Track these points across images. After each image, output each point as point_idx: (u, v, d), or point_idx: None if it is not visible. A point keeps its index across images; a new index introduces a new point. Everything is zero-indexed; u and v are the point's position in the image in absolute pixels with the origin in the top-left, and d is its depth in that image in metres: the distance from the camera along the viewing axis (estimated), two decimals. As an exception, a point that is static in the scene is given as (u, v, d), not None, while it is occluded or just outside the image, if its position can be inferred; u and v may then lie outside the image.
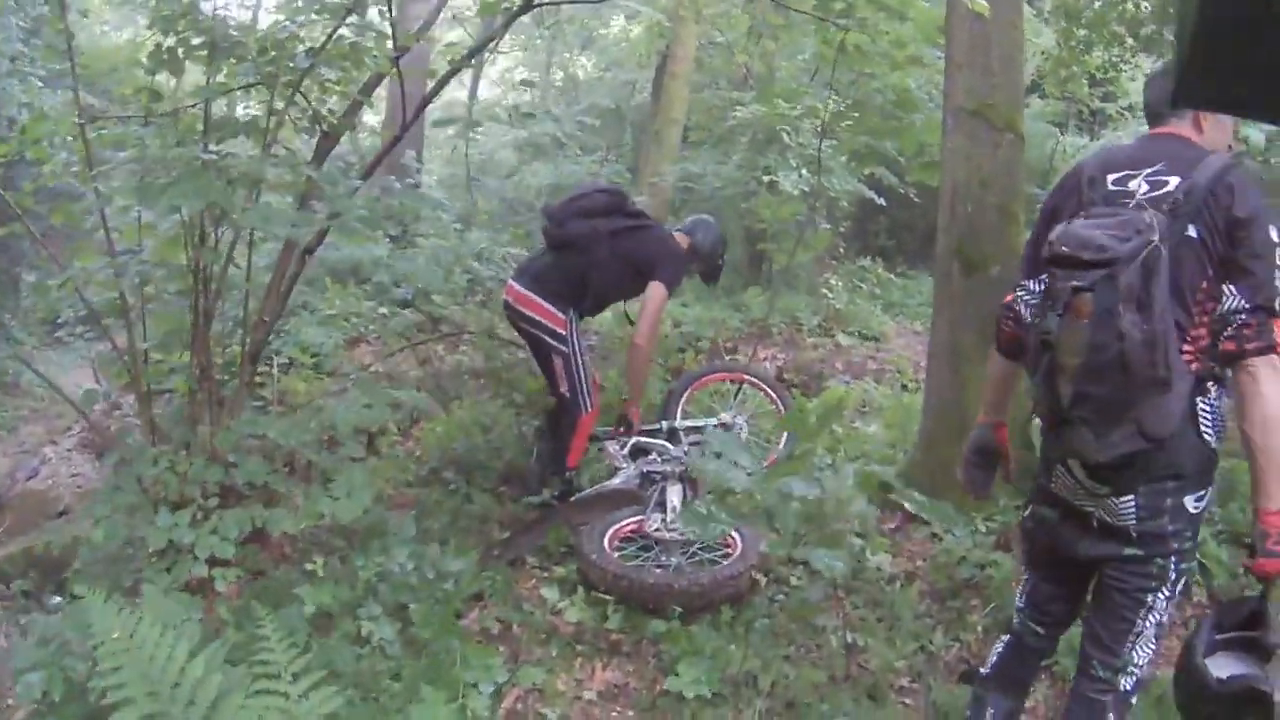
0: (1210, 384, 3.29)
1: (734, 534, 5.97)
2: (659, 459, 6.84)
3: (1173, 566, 3.38)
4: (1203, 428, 3.29)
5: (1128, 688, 3.49)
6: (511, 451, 7.69)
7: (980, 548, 6.20)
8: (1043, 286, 3.41)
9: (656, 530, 6.16)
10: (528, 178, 19.06)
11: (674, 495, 6.35)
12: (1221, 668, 3.22)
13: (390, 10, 5.91)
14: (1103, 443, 3.22)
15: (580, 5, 22.28)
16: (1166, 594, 3.41)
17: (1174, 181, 3.27)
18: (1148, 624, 3.43)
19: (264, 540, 5.74)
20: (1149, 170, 3.36)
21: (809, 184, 11.03)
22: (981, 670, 4.01)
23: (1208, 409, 3.29)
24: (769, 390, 8.10)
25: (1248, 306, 3.17)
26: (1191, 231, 3.22)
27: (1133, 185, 3.36)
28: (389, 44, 6.04)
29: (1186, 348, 3.25)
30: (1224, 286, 3.21)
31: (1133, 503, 3.34)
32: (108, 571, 5.62)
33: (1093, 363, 3.13)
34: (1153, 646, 3.48)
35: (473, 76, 27.97)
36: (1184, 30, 1.55)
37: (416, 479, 7.67)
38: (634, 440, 7.06)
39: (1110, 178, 3.43)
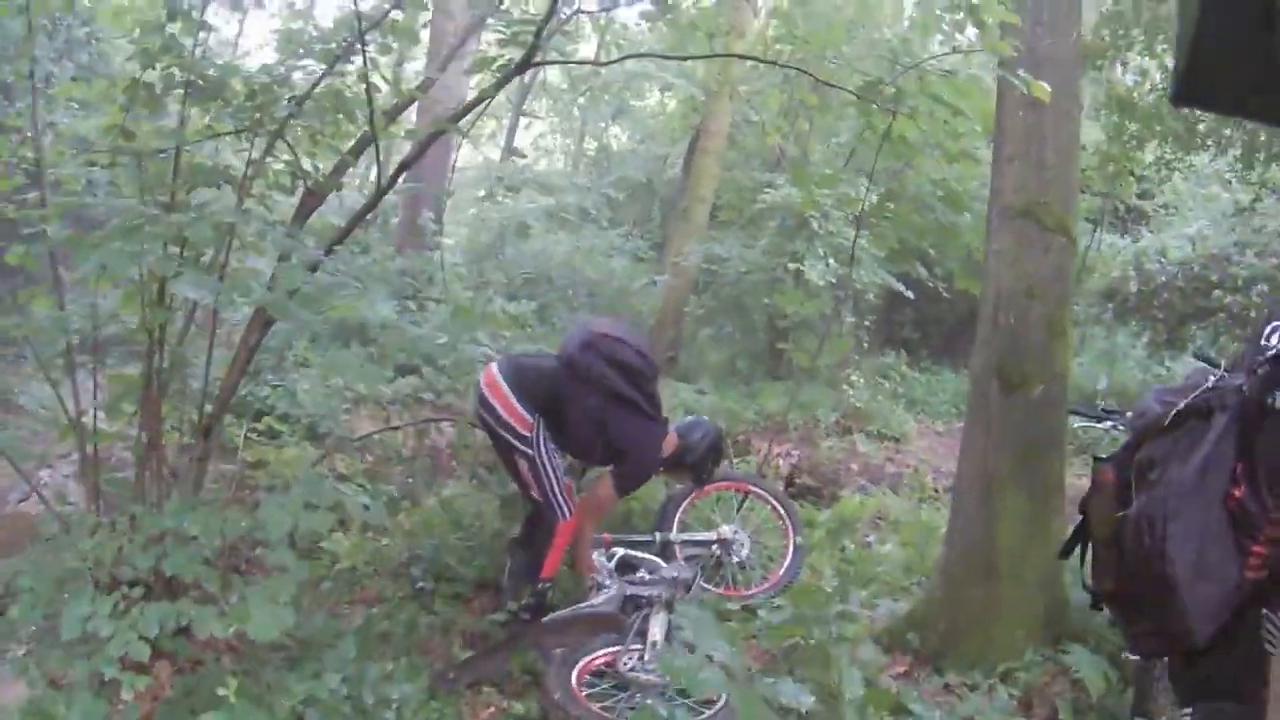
0: None
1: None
2: (646, 578, 6.09)
3: None
4: None
5: None
6: (488, 554, 6.93)
7: (999, 711, 5.42)
8: None
9: (631, 669, 5.38)
10: (551, 246, 18.61)
11: (657, 627, 5.54)
12: None
13: (367, 62, 5.29)
14: None
15: (617, 75, 22.01)
16: None
17: None
18: None
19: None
20: None
21: (836, 275, 10.51)
22: None
23: None
24: (776, 503, 7.52)
25: None
26: None
27: None
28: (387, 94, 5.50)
29: None
30: None
31: None
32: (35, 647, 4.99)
33: None
34: None
35: (506, 140, 27.78)
36: (1184, 31, 1.60)
37: (381, 571, 6.91)
38: (620, 553, 6.35)
39: None
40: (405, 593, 6.62)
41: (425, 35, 17.71)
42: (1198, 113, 9.34)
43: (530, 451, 6.08)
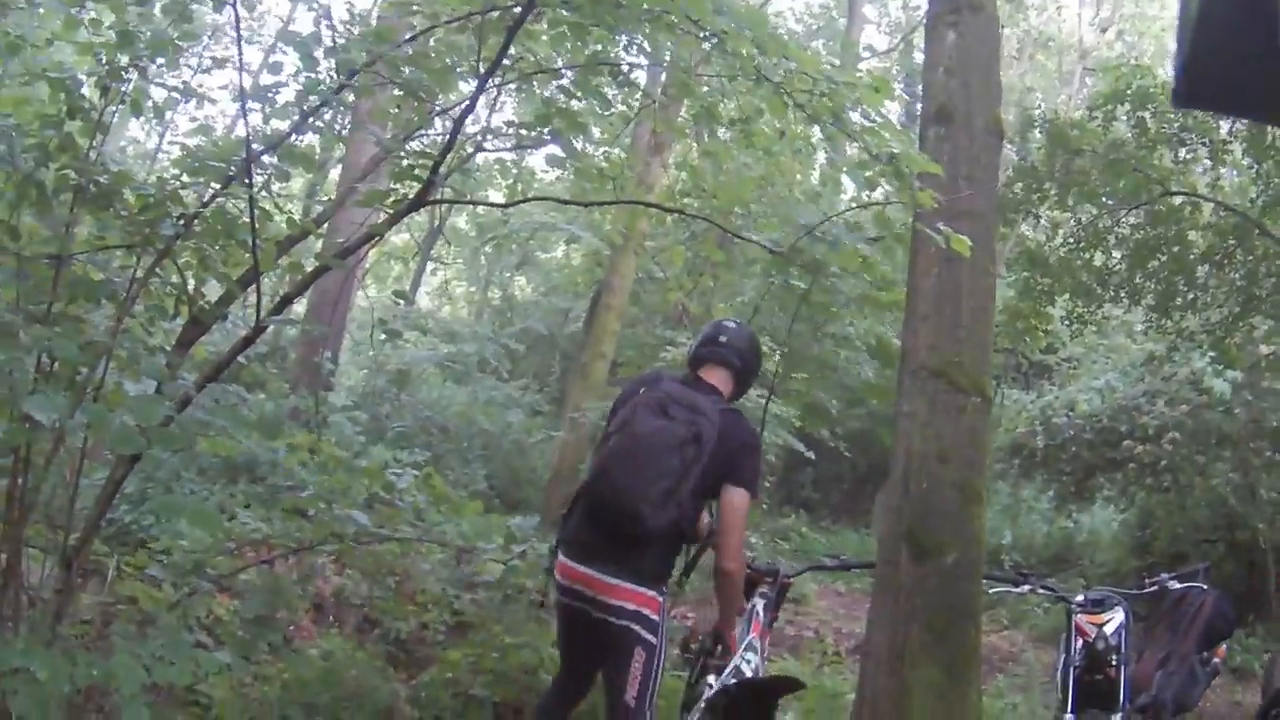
0: None
1: None
2: None
3: None
4: None
5: None
6: (369, 717, 6.38)
7: None
8: None
9: None
10: (448, 395, 18.36)
11: None
12: None
13: (253, 186, 4.99)
14: None
15: (524, 224, 21.99)
16: None
17: None
18: None
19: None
20: None
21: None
22: None
23: None
24: None
25: None
26: None
27: None
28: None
29: None
30: None
31: None
32: None
33: None
34: None
35: (413, 283, 27.65)
36: (1184, 33, 1.61)
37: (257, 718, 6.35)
38: None
39: None
40: None
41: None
42: (1110, 264, 9.34)
43: (654, 639, 4.83)
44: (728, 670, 5.15)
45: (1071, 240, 9.42)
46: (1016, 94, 24.55)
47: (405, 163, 5.56)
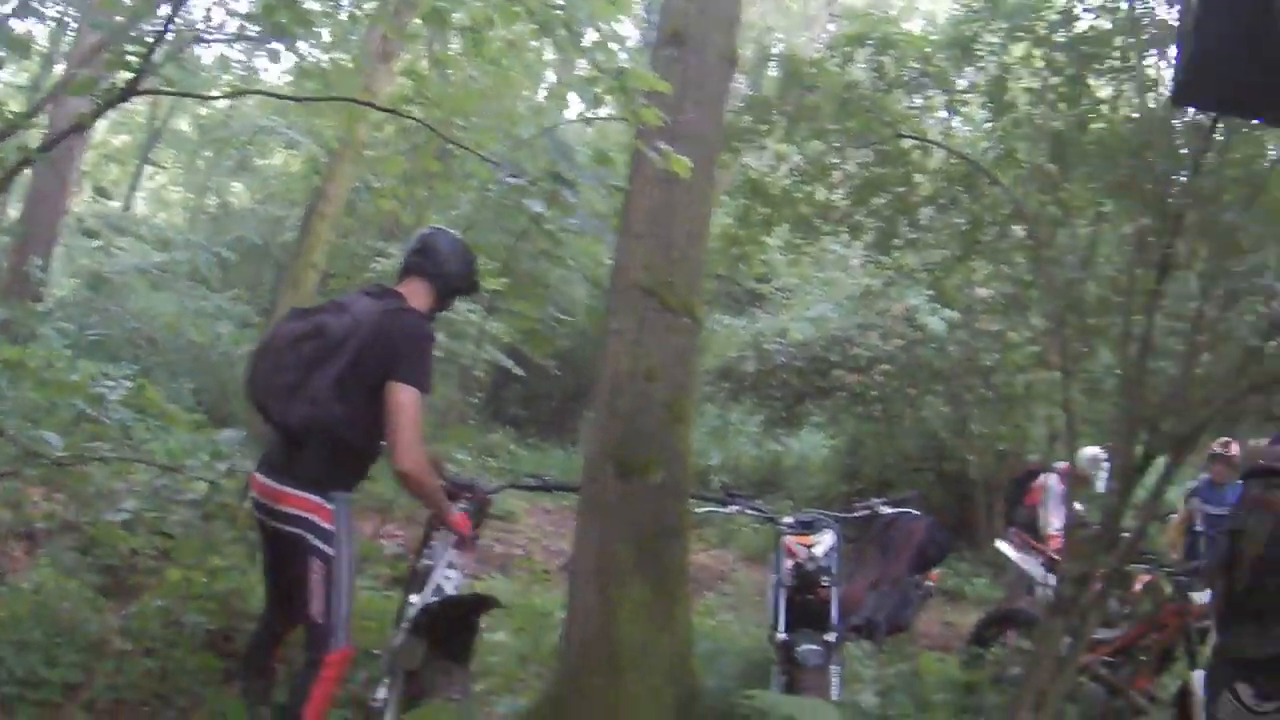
0: None
1: None
2: None
3: None
4: None
5: None
6: (80, 652, 6.00)
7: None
8: None
9: None
10: (157, 305, 17.67)
11: None
12: None
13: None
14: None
15: (244, 127, 21.27)
16: None
17: None
18: None
19: None
20: None
21: (444, 350, 10.19)
22: None
23: None
24: None
25: None
26: None
27: None
28: None
29: None
30: None
31: None
32: None
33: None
34: None
35: (129, 186, 26.53)
36: (1186, 34, 1.62)
37: None
38: None
39: None
40: None
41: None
42: (831, 199, 9.47)
43: (329, 549, 4.74)
44: (429, 588, 5.11)
45: (796, 174, 9.51)
46: (757, 31, 24.76)
47: (122, 50, 5.24)
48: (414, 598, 5.23)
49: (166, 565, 6.94)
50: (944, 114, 9.71)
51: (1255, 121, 5.65)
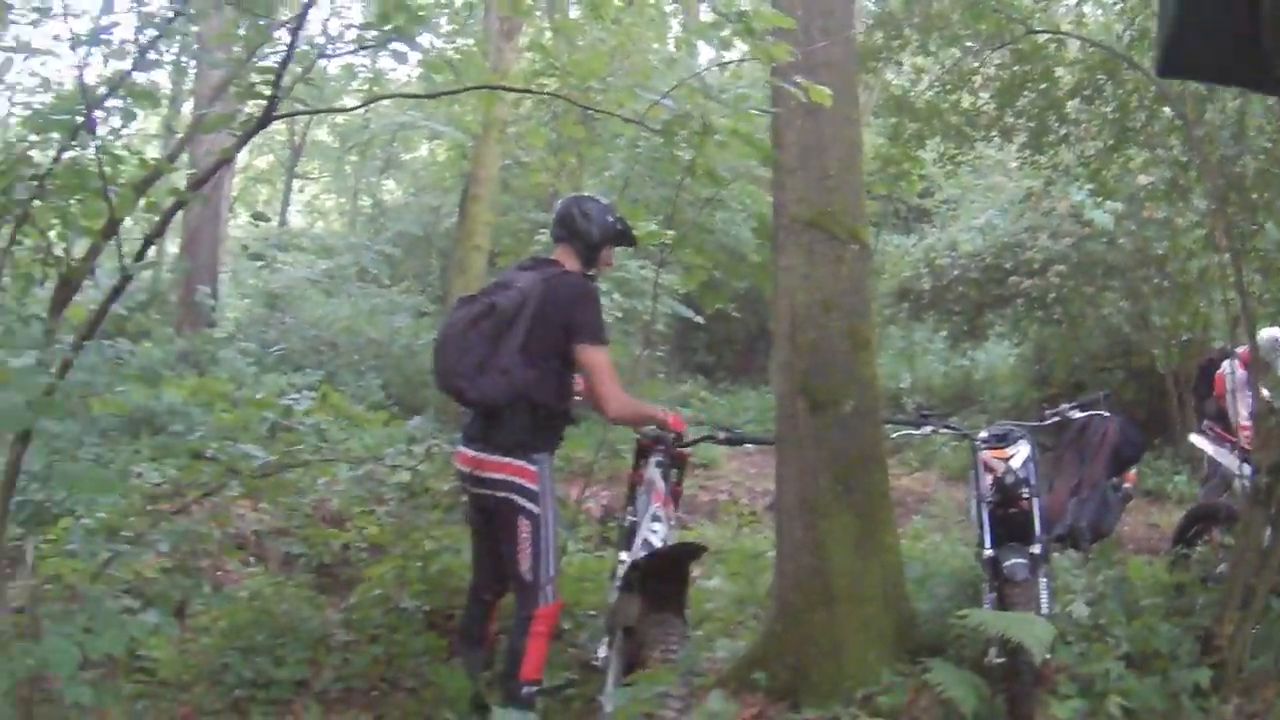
0: None
1: None
2: None
3: None
4: None
5: None
6: (305, 650, 6.33)
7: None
8: None
9: None
10: (332, 311, 18.12)
11: None
12: None
13: (94, 134, 4.84)
14: None
15: (385, 127, 21.65)
16: None
17: None
18: None
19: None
20: None
21: (622, 309, 10.31)
22: None
23: None
24: None
25: None
26: None
27: None
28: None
29: None
30: None
31: None
32: None
33: None
34: None
35: (281, 203, 27.18)
36: (1169, 5, 1.67)
37: (199, 679, 6.21)
38: None
39: None
40: (223, 702, 5.95)
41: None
42: (978, 105, 9.36)
43: (535, 508, 5.07)
44: (637, 545, 5.24)
45: (937, 84, 9.39)
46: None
47: (249, 81, 5.43)
48: (624, 555, 5.38)
49: (378, 556, 7.24)
50: (1072, 2, 9.52)
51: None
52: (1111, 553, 6.96)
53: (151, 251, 5.81)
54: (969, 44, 8.71)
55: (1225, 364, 8.63)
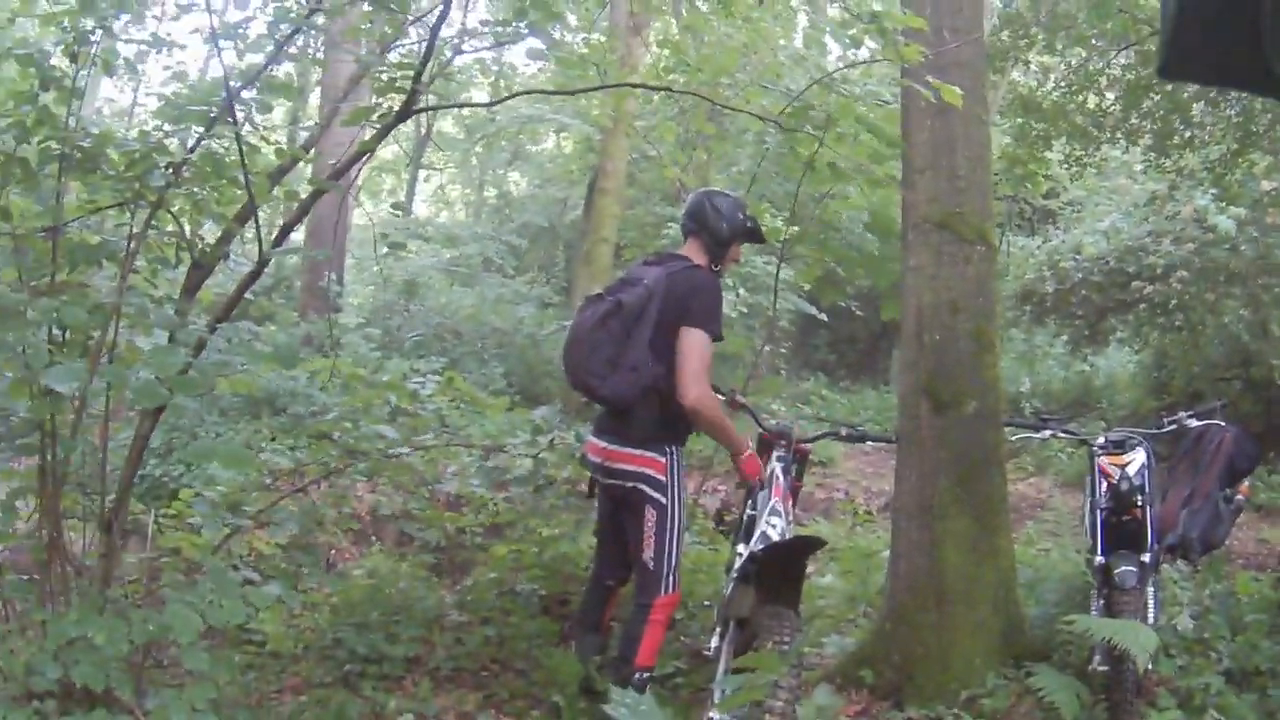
0: None
1: None
2: None
3: None
4: None
5: None
6: (418, 628, 6.46)
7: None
8: None
9: None
10: (456, 299, 18.31)
11: None
12: None
13: (237, 122, 4.94)
14: None
15: (511, 119, 21.83)
16: None
17: None
18: None
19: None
20: None
21: (747, 305, 10.31)
22: None
23: None
24: None
25: None
26: None
27: None
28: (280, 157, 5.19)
29: None
30: None
31: None
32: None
33: None
34: None
35: (406, 193, 27.54)
36: (1169, 5, 1.63)
37: (310, 652, 6.39)
38: None
39: None
40: (334, 676, 6.14)
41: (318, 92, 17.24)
42: (1104, 106, 9.24)
43: (663, 499, 5.16)
44: (755, 538, 5.27)
45: (1063, 84, 9.30)
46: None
47: (386, 76, 5.52)
48: (741, 548, 5.38)
49: (494, 541, 7.36)
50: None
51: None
52: (1220, 566, 6.87)
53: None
54: (1095, 43, 8.61)
55: None
